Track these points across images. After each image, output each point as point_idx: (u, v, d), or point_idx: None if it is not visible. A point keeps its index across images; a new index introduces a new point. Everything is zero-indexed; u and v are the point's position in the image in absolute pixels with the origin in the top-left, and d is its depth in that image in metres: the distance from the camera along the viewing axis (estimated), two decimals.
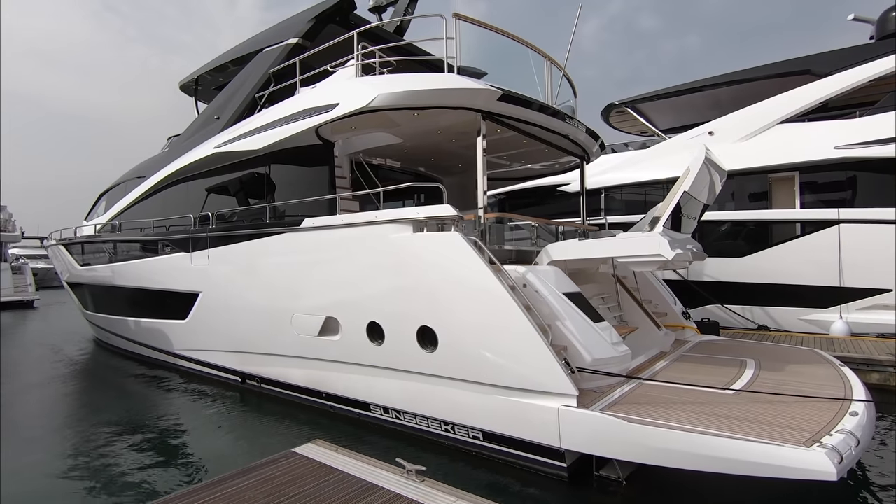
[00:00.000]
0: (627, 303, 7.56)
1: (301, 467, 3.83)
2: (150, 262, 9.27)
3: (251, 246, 6.95)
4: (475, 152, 8.40)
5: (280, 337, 6.73)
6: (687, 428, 3.72)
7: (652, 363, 6.22)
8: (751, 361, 6.16)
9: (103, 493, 4.47)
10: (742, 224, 10.32)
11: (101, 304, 11.87)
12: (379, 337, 5.49)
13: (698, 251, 6.01)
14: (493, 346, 4.56)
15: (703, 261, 6.77)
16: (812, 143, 9.70)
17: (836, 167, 9.46)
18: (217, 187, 8.17)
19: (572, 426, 4.16)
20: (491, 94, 5.62)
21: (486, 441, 4.80)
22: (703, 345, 7.54)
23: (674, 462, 3.68)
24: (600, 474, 4.38)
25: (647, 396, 4.75)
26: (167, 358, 9.35)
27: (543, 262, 6.07)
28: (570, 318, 5.07)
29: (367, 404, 5.85)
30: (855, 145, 9.08)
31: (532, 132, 6.90)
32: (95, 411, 6.92)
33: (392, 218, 5.28)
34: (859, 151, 9.04)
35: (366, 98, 5.67)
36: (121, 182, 12.34)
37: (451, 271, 4.83)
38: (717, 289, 10.63)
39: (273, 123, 6.96)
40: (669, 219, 5.41)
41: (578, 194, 13.07)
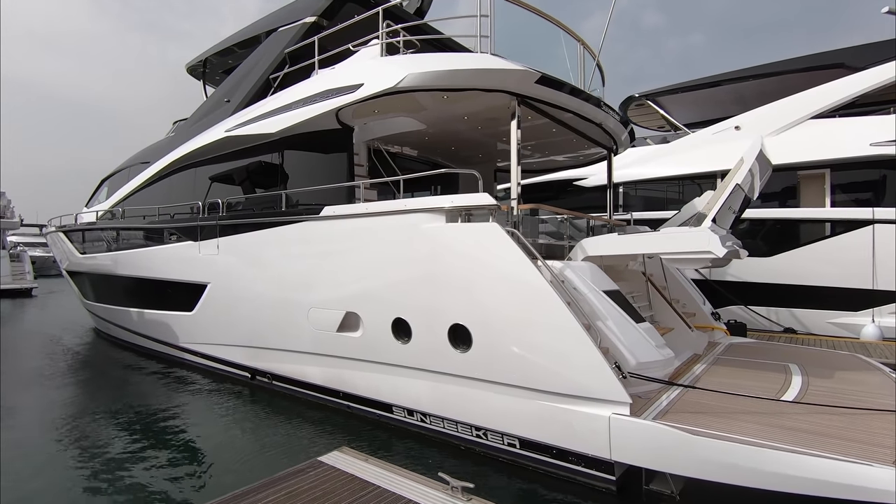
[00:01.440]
0: (658, 302, 7.22)
1: (331, 479, 3.47)
2: (155, 250, 8.88)
3: (264, 235, 6.56)
4: (501, 141, 8.12)
5: (294, 332, 6.36)
6: (761, 443, 3.36)
7: (689, 367, 5.88)
8: (794, 367, 5.83)
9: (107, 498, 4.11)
10: (769, 223, 9.95)
11: (102, 293, 11.48)
12: (405, 335, 5.12)
13: (739, 247, 5.66)
14: (536, 347, 4.19)
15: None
16: (845, 140, 9.32)
17: (870, 165, 9.09)
18: (227, 173, 7.77)
19: (625, 436, 3.80)
20: (528, 76, 5.23)
21: (523, 449, 4.45)
22: (735, 347, 7.21)
23: (745, 480, 3.33)
24: (650, 488, 4.03)
25: (697, 404, 4.40)
26: (172, 351, 8.98)
27: (577, 257, 5.70)
28: (611, 318, 4.71)
29: (390, 405, 5.50)
30: (893, 142, 8.70)
31: (564, 119, 6.51)
32: (96, 406, 6.55)
33: (423, 207, 4.89)
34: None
35: (394, 78, 5.27)
36: (124, 168, 11.92)
37: (489, 265, 4.45)
38: (739, 289, 10.29)
39: (290, 106, 6.56)
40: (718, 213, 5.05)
41: (596, 189, 12.89)
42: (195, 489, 4.30)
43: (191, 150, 8.69)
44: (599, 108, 6.31)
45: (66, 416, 6.15)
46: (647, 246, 5.28)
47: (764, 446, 3.36)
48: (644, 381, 4.33)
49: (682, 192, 11.99)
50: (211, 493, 4.16)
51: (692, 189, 11.59)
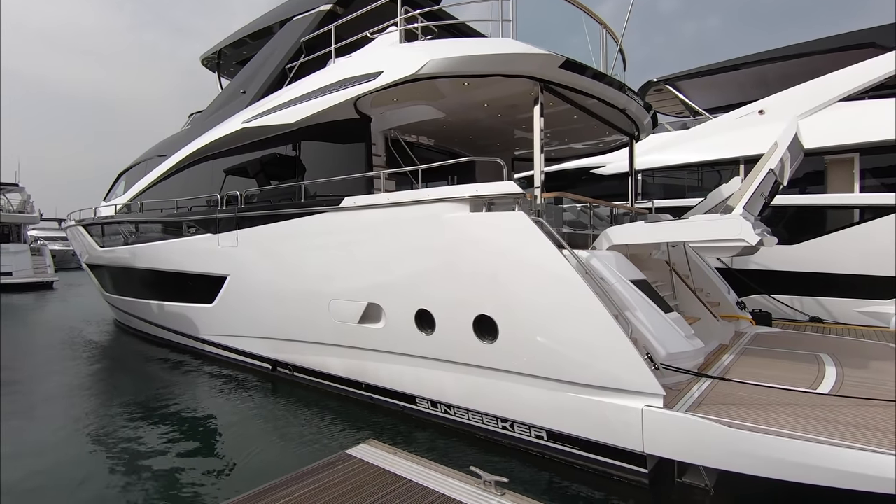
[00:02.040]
0: (682, 291, 7.08)
1: (360, 473, 3.44)
2: (174, 243, 8.91)
3: (284, 226, 6.53)
4: (520, 128, 7.97)
5: (315, 323, 6.35)
6: (803, 436, 3.25)
7: (717, 357, 5.75)
8: (826, 357, 5.67)
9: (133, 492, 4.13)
10: (795, 209, 9.69)
11: (121, 286, 11.61)
12: (429, 326, 5.07)
13: (769, 234, 5.49)
14: (565, 338, 4.10)
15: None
16: (876, 123, 9.00)
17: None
18: (244, 165, 7.73)
19: (658, 429, 3.71)
20: (552, 61, 5.08)
21: (551, 441, 4.39)
22: (762, 337, 7.05)
23: (786, 474, 3.23)
24: (683, 481, 3.94)
25: (730, 396, 4.29)
26: (192, 343, 9.05)
27: (602, 246, 5.58)
28: (640, 308, 4.61)
29: (413, 397, 5.46)
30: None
31: (587, 105, 6.35)
32: (118, 397, 6.61)
33: (447, 196, 4.80)
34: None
35: (415, 65, 5.16)
36: (141, 161, 11.97)
37: (516, 255, 4.36)
38: (763, 277, 10.06)
39: (307, 95, 6.48)
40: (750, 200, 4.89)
41: (613, 177, 12.66)
42: (219, 481, 4.31)
43: (207, 142, 8.68)
44: (623, 92, 6.14)
45: (89, 407, 6.21)
46: (677, 234, 5.14)
47: (806, 439, 3.25)
48: (674, 371, 4.23)
49: (700, 180, 11.74)
50: (235, 484, 4.18)
51: (712, 176, 11.34)
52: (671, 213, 8.01)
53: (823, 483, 3.17)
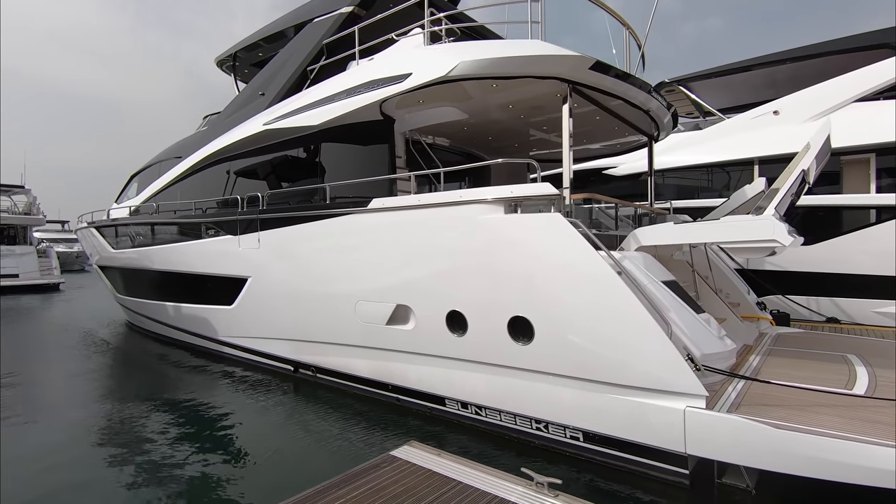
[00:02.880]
0: (705, 292, 7.09)
1: (410, 475, 3.45)
2: (193, 245, 8.92)
3: (309, 228, 6.53)
4: (541, 129, 7.98)
5: (340, 325, 6.35)
6: (851, 437, 3.26)
7: (744, 358, 5.76)
8: (853, 358, 5.68)
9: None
10: (810, 210, 9.69)
11: (136, 288, 11.61)
12: (460, 328, 5.08)
13: (796, 235, 5.50)
14: (604, 339, 4.11)
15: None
16: (893, 123, 9.02)
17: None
18: (266, 166, 7.75)
19: (701, 430, 3.72)
20: (583, 62, 5.10)
21: (587, 442, 4.39)
22: (784, 338, 7.06)
23: (836, 475, 3.24)
24: (723, 482, 3.95)
25: (766, 397, 4.29)
26: (210, 344, 9.05)
27: (631, 247, 5.60)
28: (673, 309, 4.62)
29: (442, 398, 5.47)
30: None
31: (611, 106, 6.37)
32: (137, 397, 6.60)
33: (481, 198, 4.81)
34: None
35: (445, 67, 5.17)
36: (154, 163, 11.99)
37: (553, 256, 4.36)
38: (777, 278, 10.07)
39: (332, 97, 6.49)
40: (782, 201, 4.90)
41: (625, 178, 12.68)
42: (245, 482, 4.27)
43: (226, 144, 8.69)
44: (650, 94, 6.15)
45: (107, 412, 6.13)
46: (708, 235, 5.14)
47: (853, 440, 3.26)
48: (712, 372, 4.23)
49: (711, 181, 11.76)
50: (261, 484, 4.18)
51: (726, 177, 11.36)
52: (686, 214, 8.04)
53: (871, 483, 3.17)
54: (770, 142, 10.20)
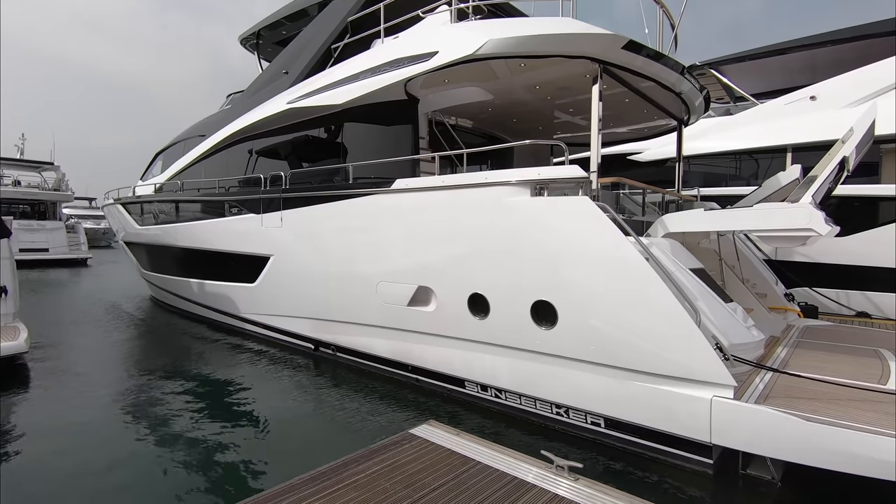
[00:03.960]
0: (732, 282, 6.93)
1: (429, 452, 3.46)
2: (216, 223, 9.03)
3: (332, 208, 6.54)
4: (567, 111, 7.80)
5: (361, 305, 6.38)
6: (885, 431, 3.16)
7: (772, 350, 5.63)
8: (886, 353, 5.50)
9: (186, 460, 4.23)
10: (845, 200, 9.35)
11: (160, 264, 11.85)
12: (482, 311, 5.05)
13: (832, 224, 5.30)
14: (631, 326, 4.04)
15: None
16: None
17: None
18: (289, 145, 7.76)
19: (728, 420, 3.66)
20: (616, 41, 4.93)
21: (609, 428, 4.36)
22: (812, 330, 6.88)
23: (868, 470, 3.15)
24: (748, 472, 3.89)
25: (794, 389, 4.18)
26: (233, 321, 9.21)
27: (658, 233, 5.47)
28: (702, 298, 4.50)
29: (462, 380, 5.48)
30: None
31: (641, 88, 6.18)
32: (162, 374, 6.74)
33: (508, 179, 4.73)
34: None
35: (473, 45, 5.06)
36: (179, 141, 12.12)
37: (580, 240, 4.28)
38: (806, 269, 9.79)
39: (356, 76, 6.43)
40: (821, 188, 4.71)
41: (650, 164, 12.39)
42: (265, 455, 4.36)
43: (249, 122, 8.71)
44: (682, 75, 5.94)
45: (133, 386, 6.18)
46: (740, 222, 4.99)
47: (887, 435, 3.16)
48: (741, 363, 4.14)
49: (739, 168, 11.42)
50: (280, 459, 4.25)
51: (757, 164, 11.01)
52: (716, 202, 7.82)
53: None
54: (805, 128, 9.83)
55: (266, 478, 3.98)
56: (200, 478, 3.96)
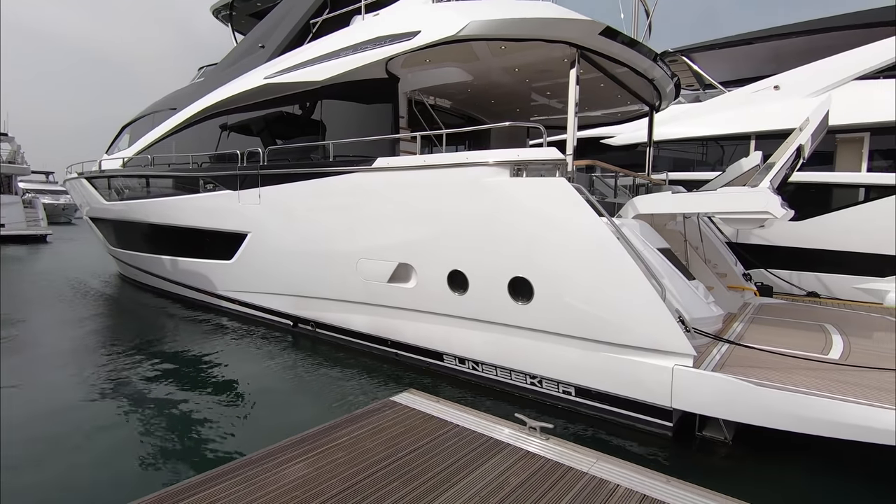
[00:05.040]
0: (695, 261, 7.32)
1: (410, 417, 3.66)
2: (190, 199, 8.90)
3: (312, 185, 6.56)
4: (545, 94, 7.96)
5: (341, 282, 6.49)
6: (827, 394, 3.52)
7: (729, 325, 6.02)
8: (830, 327, 5.97)
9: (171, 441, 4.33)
10: (801, 186, 9.88)
11: (130, 240, 11.59)
12: (461, 287, 5.24)
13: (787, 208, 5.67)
14: (601, 300, 4.30)
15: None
16: (889, 103, 9.12)
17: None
18: (267, 121, 7.69)
19: (688, 386, 3.98)
20: (594, 27, 5.09)
21: (579, 396, 4.65)
22: (766, 308, 7.36)
23: (809, 428, 3.51)
24: (703, 434, 4.24)
25: (747, 359, 4.55)
26: (208, 298, 9.16)
27: (628, 214, 5.74)
28: (667, 275, 4.80)
29: (441, 353, 5.68)
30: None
31: (616, 73, 6.38)
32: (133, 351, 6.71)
33: (487, 160, 4.88)
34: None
35: (455, 26, 5.14)
36: (147, 114, 11.76)
37: (556, 220, 4.49)
38: (763, 252, 10.34)
39: (337, 53, 6.41)
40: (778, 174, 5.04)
41: (621, 148, 12.72)
42: (243, 428, 4.46)
43: (224, 97, 8.55)
44: (654, 62, 6.16)
45: (102, 363, 6.08)
46: (704, 205, 5.30)
47: (826, 397, 3.52)
48: (700, 335, 4.46)
49: (706, 154, 11.86)
50: (259, 430, 4.37)
51: (722, 150, 11.46)
52: (682, 186, 8.17)
53: (841, 436, 3.45)
54: (768, 117, 10.28)
55: (250, 446, 4.11)
56: (178, 446, 4.08)
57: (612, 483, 2.77)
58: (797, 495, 3.57)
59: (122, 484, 3.56)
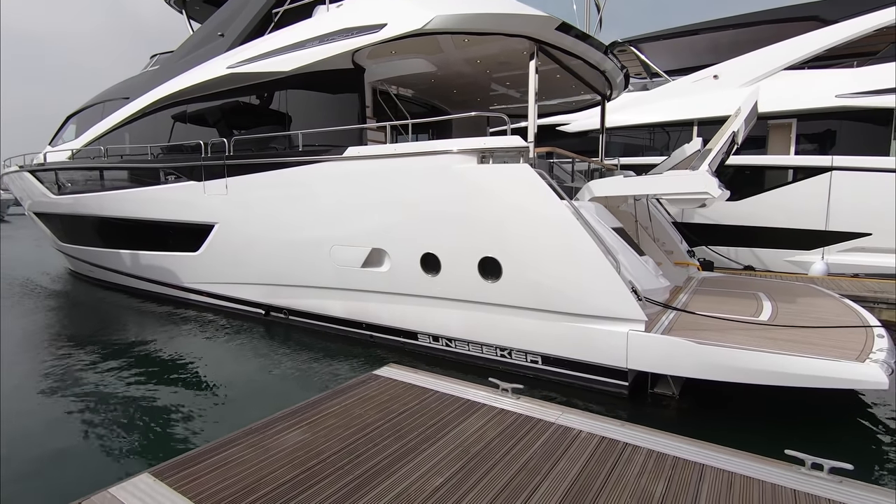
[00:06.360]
0: (645, 240, 7.91)
1: (393, 387, 3.96)
2: (150, 190, 8.74)
3: (283, 175, 6.66)
4: (504, 84, 8.32)
5: (315, 269, 6.66)
6: (756, 348, 4.08)
7: (675, 296, 6.63)
8: (762, 295, 6.68)
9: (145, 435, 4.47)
10: (738, 169, 10.73)
11: (83, 235, 11.19)
12: (434, 269, 5.55)
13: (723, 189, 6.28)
14: (565, 276, 4.72)
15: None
16: (812, 91, 10.04)
17: (833, 116, 9.89)
18: (230, 111, 7.67)
19: (641, 348, 4.47)
20: (550, 23, 5.45)
21: (545, 364, 5.09)
22: (708, 280, 8.07)
23: (742, 378, 4.07)
24: (655, 391, 4.78)
25: (692, 324, 5.10)
26: (172, 291, 9.07)
27: (585, 197, 6.20)
28: (621, 252, 5.28)
29: (415, 333, 6.00)
30: (856, 94, 9.48)
31: (570, 65, 6.80)
32: (97, 348, 6.69)
33: (456, 148, 5.18)
34: (860, 101, 9.46)
35: (421, 19, 5.38)
36: (95, 103, 11.32)
37: (521, 203, 4.87)
38: (704, 230, 11.19)
39: (303, 43, 6.51)
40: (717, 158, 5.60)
41: (575, 135, 13.32)
42: (223, 416, 4.64)
43: (183, 86, 8.43)
44: (606, 55, 6.61)
45: (66, 363, 5.95)
46: (653, 187, 5.80)
47: (756, 351, 4.09)
48: (651, 304, 4.98)
49: (653, 140, 12.62)
50: (239, 418, 4.53)
51: (667, 136, 12.23)
52: (632, 170, 8.77)
53: (773, 383, 4.01)
54: (709, 104, 11.07)
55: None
56: (151, 438, 4.22)
57: (575, 429, 3.18)
58: (725, 432, 4.14)
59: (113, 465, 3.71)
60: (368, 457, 2.82)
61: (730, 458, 2.67)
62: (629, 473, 2.59)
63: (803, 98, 10.15)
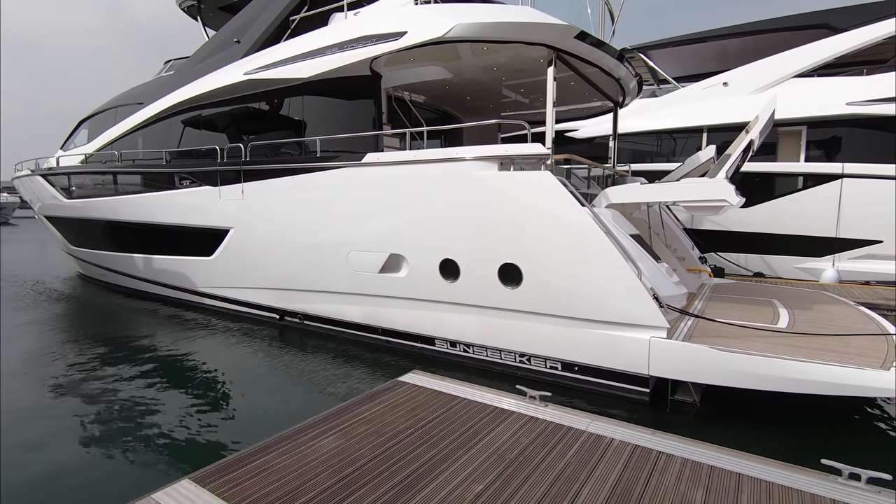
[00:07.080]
0: (658, 246, 7.94)
1: (420, 394, 3.98)
2: (165, 195, 8.79)
3: (300, 180, 6.71)
4: (518, 91, 8.37)
5: (331, 274, 6.69)
6: (778, 356, 4.10)
7: (690, 303, 6.65)
8: (777, 302, 6.70)
9: None
10: (747, 175, 10.75)
11: (95, 239, 11.24)
12: (453, 274, 5.58)
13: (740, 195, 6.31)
14: (587, 283, 4.75)
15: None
16: (823, 99, 10.08)
17: (843, 123, 9.92)
18: (246, 117, 7.72)
19: (663, 355, 4.49)
20: (569, 31, 5.50)
21: (564, 370, 5.11)
22: (721, 287, 8.08)
23: (765, 385, 4.08)
24: (675, 398, 4.79)
25: (711, 331, 5.12)
26: (186, 296, 9.11)
27: (601, 204, 6.23)
28: (640, 258, 5.31)
29: (432, 339, 6.02)
30: (867, 102, 9.52)
31: (586, 73, 6.84)
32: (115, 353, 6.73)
33: (476, 155, 5.22)
34: (870, 108, 9.49)
35: (442, 28, 5.43)
36: (108, 108, 11.40)
37: (543, 210, 4.90)
38: (715, 237, 11.22)
39: (322, 51, 6.57)
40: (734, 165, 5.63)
41: (584, 141, 13.38)
42: (237, 424, 4.64)
43: (199, 92, 8.49)
44: (620, 62, 6.66)
45: (85, 369, 5.97)
46: (670, 194, 5.84)
47: (783, 358, 4.10)
48: (672, 310, 5.00)
49: (660, 146, 12.67)
50: (255, 425, 4.54)
51: (677, 143, 12.28)
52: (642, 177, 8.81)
53: (788, 390, 4.04)
54: (719, 111, 11.12)
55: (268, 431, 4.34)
56: (181, 437, 4.25)
57: (607, 437, 3.20)
58: (747, 439, 4.15)
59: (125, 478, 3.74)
60: (404, 465, 2.84)
61: (767, 468, 2.69)
62: (667, 481, 2.61)
63: (813, 105, 10.19)
